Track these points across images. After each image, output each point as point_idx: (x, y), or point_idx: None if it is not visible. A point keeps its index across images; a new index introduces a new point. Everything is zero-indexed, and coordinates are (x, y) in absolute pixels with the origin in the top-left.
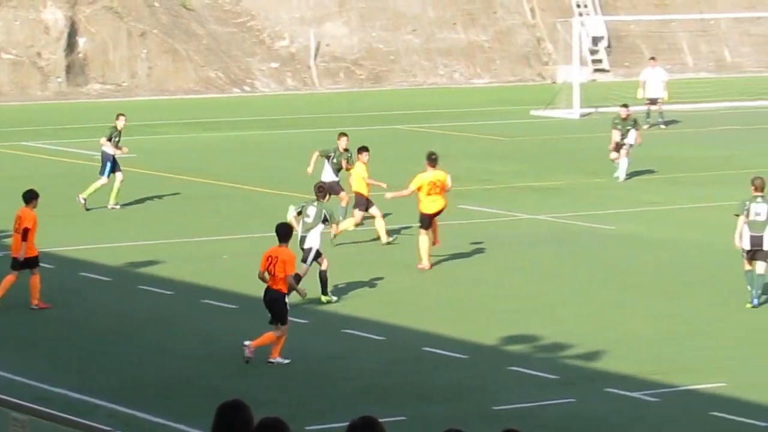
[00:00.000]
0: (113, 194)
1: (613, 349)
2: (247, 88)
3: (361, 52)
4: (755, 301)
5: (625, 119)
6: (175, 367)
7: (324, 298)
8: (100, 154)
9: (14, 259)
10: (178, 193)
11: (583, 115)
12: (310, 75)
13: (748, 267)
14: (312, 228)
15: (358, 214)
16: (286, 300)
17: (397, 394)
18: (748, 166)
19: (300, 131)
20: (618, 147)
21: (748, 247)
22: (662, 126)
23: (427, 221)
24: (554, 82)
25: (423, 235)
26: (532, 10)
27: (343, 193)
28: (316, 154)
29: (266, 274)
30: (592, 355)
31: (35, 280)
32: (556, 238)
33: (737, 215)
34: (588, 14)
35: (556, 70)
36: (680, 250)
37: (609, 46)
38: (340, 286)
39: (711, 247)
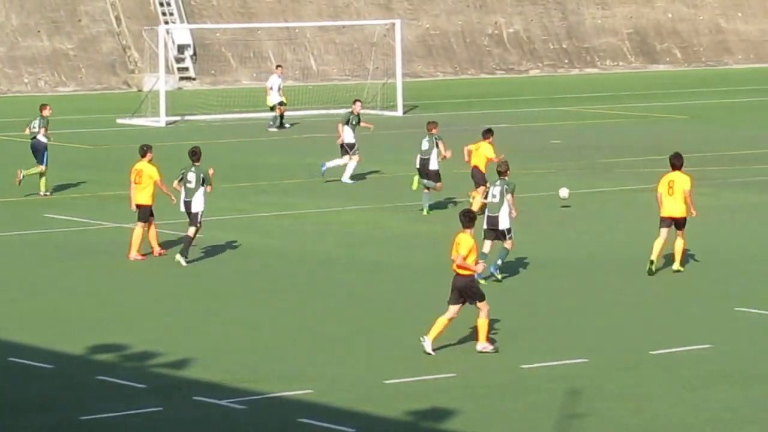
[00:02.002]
0: (42, 182)
1: (200, 357)
2: None
3: None
4: (494, 270)
5: (358, 114)
6: None
7: (179, 257)
8: (31, 145)
9: None
10: None
11: (169, 123)
12: None
13: (485, 249)
14: (195, 192)
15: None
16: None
17: None
18: (334, 174)
19: None
20: (350, 146)
21: (485, 226)
22: (273, 129)
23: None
24: (141, 90)
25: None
26: (117, 17)
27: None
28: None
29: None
30: (180, 364)
31: None
32: (146, 245)
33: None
34: (174, 22)
35: (143, 78)
36: (264, 257)
37: (195, 54)
38: None
39: (294, 254)
